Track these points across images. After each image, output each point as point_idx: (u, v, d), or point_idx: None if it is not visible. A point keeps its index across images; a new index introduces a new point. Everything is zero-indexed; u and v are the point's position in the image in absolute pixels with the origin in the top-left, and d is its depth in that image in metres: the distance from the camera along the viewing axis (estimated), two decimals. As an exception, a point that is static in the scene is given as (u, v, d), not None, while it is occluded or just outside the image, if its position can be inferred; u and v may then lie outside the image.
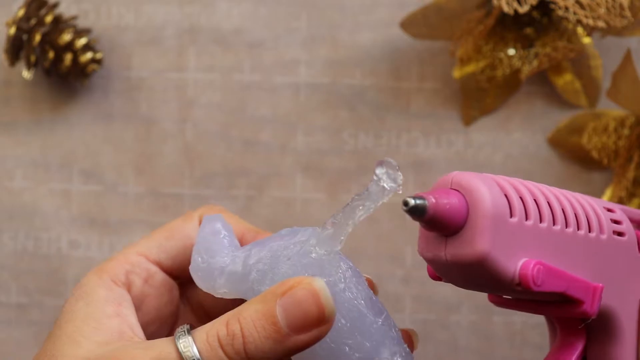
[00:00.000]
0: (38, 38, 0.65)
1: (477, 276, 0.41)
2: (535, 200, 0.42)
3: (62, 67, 0.66)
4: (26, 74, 0.67)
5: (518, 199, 0.41)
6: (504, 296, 0.46)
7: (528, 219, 0.42)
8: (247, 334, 0.42)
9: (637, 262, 0.48)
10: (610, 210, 0.47)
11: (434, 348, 0.67)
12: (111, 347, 0.44)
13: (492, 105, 0.67)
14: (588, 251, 0.44)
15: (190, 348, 0.42)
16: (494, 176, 0.42)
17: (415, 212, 0.40)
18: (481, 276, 0.41)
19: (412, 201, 0.40)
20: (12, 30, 0.65)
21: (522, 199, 0.42)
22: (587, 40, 0.65)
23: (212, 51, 0.68)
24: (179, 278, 0.51)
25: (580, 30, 0.65)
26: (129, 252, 0.50)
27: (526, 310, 0.46)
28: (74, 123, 0.69)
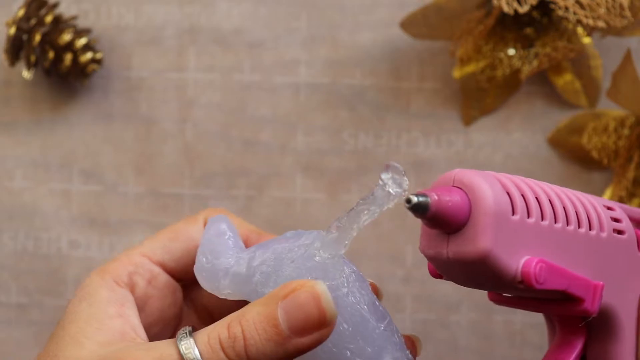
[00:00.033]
0: (38, 38, 0.65)
1: (479, 274, 0.41)
2: (536, 197, 0.42)
3: (62, 67, 0.66)
4: (26, 74, 0.67)
5: (520, 197, 0.41)
6: (505, 294, 0.46)
7: (530, 217, 0.42)
8: (249, 336, 0.42)
9: (637, 261, 0.48)
10: (610, 208, 0.47)
11: (434, 348, 0.67)
12: (113, 348, 0.44)
13: (492, 105, 0.67)
14: (588, 249, 0.44)
15: (191, 350, 0.42)
16: (496, 174, 0.42)
17: (417, 210, 0.40)
18: (483, 274, 0.41)
19: (415, 198, 0.40)
20: (12, 30, 0.65)
21: (524, 197, 0.42)
22: (587, 40, 0.65)
23: (212, 51, 0.68)
24: (183, 280, 0.51)
25: (580, 30, 0.65)
26: (133, 253, 0.50)
27: (526, 308, 0.46)
28: (74, 123, 0.69)
